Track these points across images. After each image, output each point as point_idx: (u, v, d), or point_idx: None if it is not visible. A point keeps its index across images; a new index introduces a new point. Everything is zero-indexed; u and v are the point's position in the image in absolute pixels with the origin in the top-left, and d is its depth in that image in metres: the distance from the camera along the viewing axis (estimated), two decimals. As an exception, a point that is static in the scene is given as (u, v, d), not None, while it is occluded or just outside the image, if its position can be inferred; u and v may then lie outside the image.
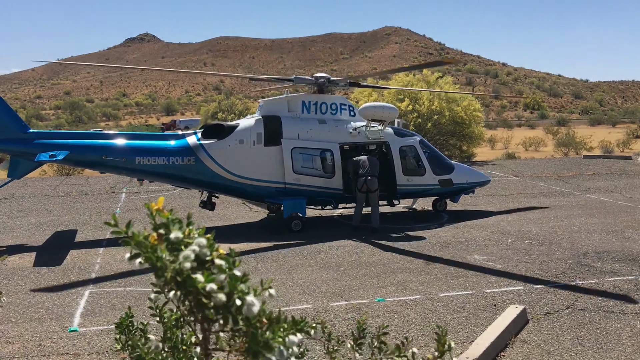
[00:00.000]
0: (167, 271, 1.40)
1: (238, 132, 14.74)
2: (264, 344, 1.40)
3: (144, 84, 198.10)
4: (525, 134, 54.48)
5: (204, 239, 1.47)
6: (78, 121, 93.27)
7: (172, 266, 1.40)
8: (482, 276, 10.51)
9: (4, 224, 15.98)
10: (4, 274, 11.07)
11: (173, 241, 1.46)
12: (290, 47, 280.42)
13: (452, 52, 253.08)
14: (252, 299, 1.39)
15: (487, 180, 17.02)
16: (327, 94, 15.73)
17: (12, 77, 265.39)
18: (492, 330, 7.37)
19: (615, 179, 23.37)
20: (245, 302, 1.39)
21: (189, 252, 1.42)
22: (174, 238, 1.46)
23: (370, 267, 11.19)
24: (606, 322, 8.19)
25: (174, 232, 1.47)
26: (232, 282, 1.41)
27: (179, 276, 1.40)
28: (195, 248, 1.43)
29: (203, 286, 1.37)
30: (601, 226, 14.59)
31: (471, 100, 31.73)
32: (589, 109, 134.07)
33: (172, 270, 1.40)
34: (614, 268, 10.90)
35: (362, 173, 14.22)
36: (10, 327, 8.36)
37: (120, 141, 14.53)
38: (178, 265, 1.40)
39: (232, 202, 18.41)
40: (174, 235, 1.46)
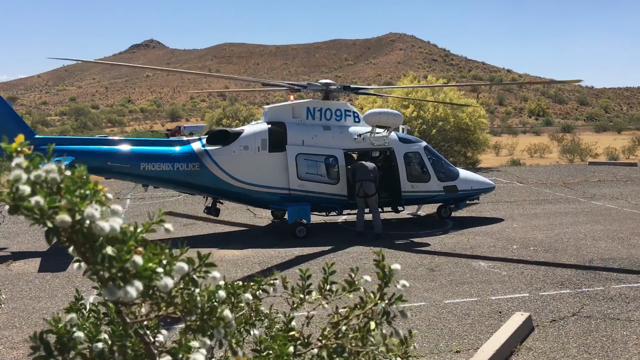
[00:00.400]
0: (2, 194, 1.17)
1: (243, 138, 14.76)
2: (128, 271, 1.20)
3: (149, 90, 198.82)
4: (530, 140, 54.40)
5: (54, 165, 1.23)
6: (83, 127, 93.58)
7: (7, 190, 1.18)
8: (487, 283, 10.47)
9: (10, 229, 16.03)
10: (9, 279, 11.09)
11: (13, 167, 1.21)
12: (294, 53, 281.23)
13: (456, 59, 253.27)
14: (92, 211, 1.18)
15: (492, 186, 16.99)
16: (331, 100, 15.75)
17: (18, 83, 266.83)
18: (497, 338, 7.34)
19: (621, 185, 23.29)
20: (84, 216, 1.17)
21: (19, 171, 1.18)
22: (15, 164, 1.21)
23: (375, 274, 11.14)
24: (612, 330, 8.14)
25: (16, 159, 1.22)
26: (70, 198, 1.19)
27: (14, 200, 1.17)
28: (40, 173, 1.21)
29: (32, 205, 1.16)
30: (607, 233, 14.53)
31: (476, 106, 31.72)
32: (594, 115, 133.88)
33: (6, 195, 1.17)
34: (620, 275, 10.84)
35: (358, 178, 14.25)
36: (15, 332, 8.37)
37: (125, 147, 14.58)
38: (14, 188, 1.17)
39: (237, 208, 18.42)
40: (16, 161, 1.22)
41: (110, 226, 1.20)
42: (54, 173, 1.21)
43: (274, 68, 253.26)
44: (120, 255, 1.21)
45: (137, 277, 1.21)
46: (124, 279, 1.21)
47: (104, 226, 1.19)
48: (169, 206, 19.75)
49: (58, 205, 1.18)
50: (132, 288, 1.20)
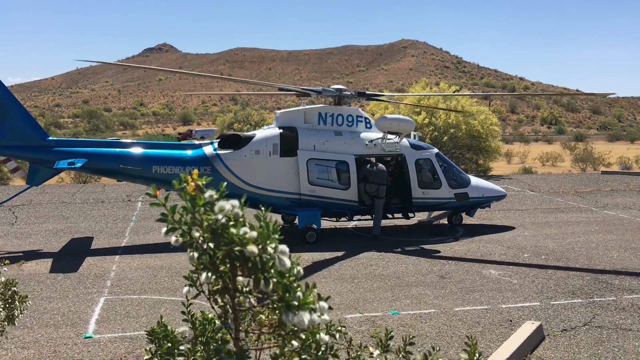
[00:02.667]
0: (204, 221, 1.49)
1: (254, 142, 14.80)
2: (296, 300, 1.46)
3: (161, 93, 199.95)
4: (542, 148, 54.12)
5: (236, 201, 1.58)
6: (96, 130, 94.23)
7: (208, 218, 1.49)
8: (497, 291, 10.42)
9: (22, 230, 16.15)
10: (20, 279, 11.16)
11: (208, 200, 1.56)
12: (306, 58, 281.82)
13: (468, 66, 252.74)
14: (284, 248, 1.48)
15: (504, 194, 16.91)
16: (343, 105, 15.76)
17: (32, 85, 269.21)
18: (507, 346, 7.29)
19: (634, 195, 23.11)
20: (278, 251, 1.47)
21: (224, 203, 1.53)
22: (208, 197, 1.56)
23: (385, 280, 11.14)
24: (624, 341, 8.07)
25: (208, 191, 1.58)
26: (264, 233, 1.49)
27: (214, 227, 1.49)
28: (228, 207, 1.54)
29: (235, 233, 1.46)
30: (619, 243, 14.41)
31: (488, 114, 31.61)
32: (607, 124, 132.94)
33: (207, 221, 1.49)
34: (632, 285, 10.75)
35: (372, 180, 14.66)
36: (26, 332, 8.43)
37: (137, 150, 14.66)
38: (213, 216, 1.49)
39: (247, 212, 18.43)
40: (208, 194, 1.57)
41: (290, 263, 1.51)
42: (237, 208, 1.58)
43: (285, 73, 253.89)
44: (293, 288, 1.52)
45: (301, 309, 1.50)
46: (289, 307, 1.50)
47: (286, 262, 1.50)
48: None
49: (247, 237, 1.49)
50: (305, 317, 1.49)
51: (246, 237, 1.47)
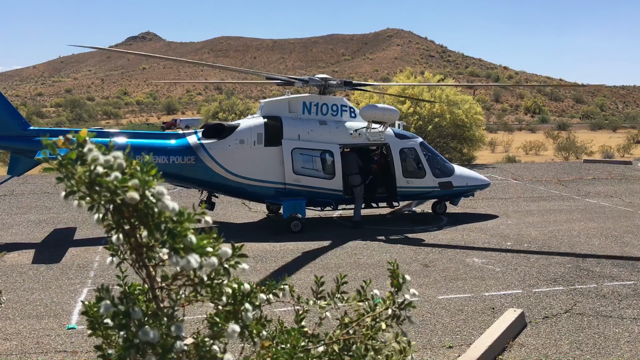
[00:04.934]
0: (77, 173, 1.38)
1: (239, 132, 14.75)
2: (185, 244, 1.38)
3: (145, 82, 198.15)
4: (525, 137, 54.48)
5: (120, 152, 1.45)
6: (79, 119, 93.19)
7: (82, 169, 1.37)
8: (480, 279, 10.51)
9: (3, 220, 15.98)
10: (2, 270, 11.07)
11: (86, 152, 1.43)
12: (292, 47, 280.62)
13: (453, 55, 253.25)
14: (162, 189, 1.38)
15: (487, 183, 17.02)
16: (328, 95, 15.74)
17: (13, 74, 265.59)
18: (490, 334, 7.37)
19: (615, 183, 23.38)
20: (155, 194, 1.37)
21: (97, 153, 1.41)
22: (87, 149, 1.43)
23: (369, 269, 11.19)
24: (604, 327, 8.19)
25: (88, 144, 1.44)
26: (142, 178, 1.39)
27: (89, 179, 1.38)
28: (109, 157, 1.42)
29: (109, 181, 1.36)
30: (600, 231, 14.59)
31: (472, 103, 31.73)
32: (590, 113, 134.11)
33: (81, 172, 1.37)
34: (613, 273, 10.90)
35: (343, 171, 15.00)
36: (8, 324, 8.36)
37: (120, 140, 14.54)
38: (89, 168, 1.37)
39: (232, 201, 18.41)
40: (88, 147, 1.43)
41: (173, 206, 1.40)
42: (121, 159, 1.43)
43: (270, 62, 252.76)
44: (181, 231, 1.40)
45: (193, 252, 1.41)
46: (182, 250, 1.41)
47: (168, 204, 1.39)
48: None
49: (127, 184, 1.37)
50: (192, 259, 1.40)
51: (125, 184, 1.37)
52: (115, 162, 1.42)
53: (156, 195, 1.38)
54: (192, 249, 1.41)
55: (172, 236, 1.39)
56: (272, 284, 2.08)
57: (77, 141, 1.45)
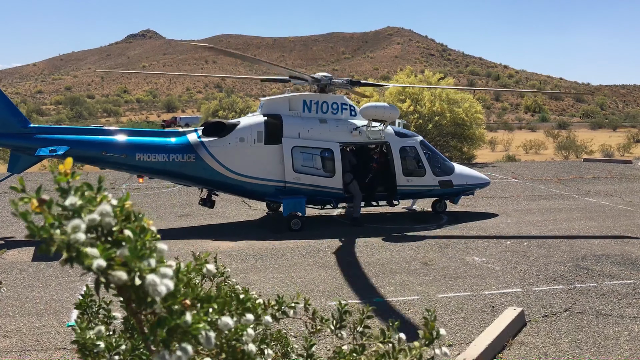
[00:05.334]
0: (53, 244, 1.12)
1: (239, 130, 14.74)
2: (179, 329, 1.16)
3: (145, 80, 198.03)
4: (525, 136, 54.47)
5: (108, 206, 1.17)
6: (78, 117, 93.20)
7: (60, 238, 1.12)
8: (480, 278, 10.51)
9: (3, 218, 15.98)
10: (2, 267, 11.07)
11: (69, 208, 1.16)
12: (292, 45, 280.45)
13: (453, 54, 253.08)
14: (153, 278, 1.14)
15: (487, 182, 17.02)
16: (328, 93, 15.73)
17: (13, 71, 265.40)
18: (489, 332, 7.37)
19: (615, 182, 23.37)
20: (145, 282, 1.13)
21: (78, 221, 1.13)
22: (69, 205, 1.16)
23: (369, 267, 11.18)
24: (604, 326, 8.19)
25: (70, 197, 1.17)
26: (131, 256, 1.14)
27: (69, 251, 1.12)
28: (95, 217, 1.14)
29: (89, 263, 1.10)
30: (600, 230, 14.59)
31: (473, 102, 31.72)
32: (590, 112, 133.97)
33: (60, 242, 1.12)
34: (613, 272, 10.90)
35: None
36: (7, 321, 8.36)
37: (120, 137, 14.54)
38: (66, 237, 1.11)
39: (232, 200, 18.41)
40: (70, 201, 1.17)
41: (166, 288, 1.16)
42: (109, 217, 1.16)
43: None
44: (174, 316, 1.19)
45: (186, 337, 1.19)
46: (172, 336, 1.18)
47: (161, 290, 1.15)
48: (164, 197, 19.73)
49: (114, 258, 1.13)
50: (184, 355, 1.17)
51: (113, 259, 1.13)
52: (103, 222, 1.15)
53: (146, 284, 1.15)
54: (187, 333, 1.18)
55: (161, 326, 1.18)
56: (281, 301, 1.97)
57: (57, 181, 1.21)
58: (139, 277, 1.14)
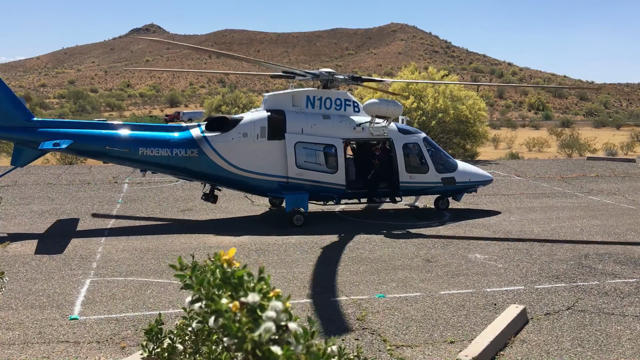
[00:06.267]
0: (247, 342, 1.33)
1: (242, 125, 14.74)
2: None
3: (148, 75, 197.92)
4: (529, 134, 54.39)
5: (280, 303, 1.40)
6: (82, 111, 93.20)
7: (251, 336, 1.34)
8: (482, 275, 10.51)
9: (7, 211, 16.00)
10: (5, 260, 11.09)
11: (251, 305, 1.39)
12: (295, 41, 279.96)
13: (457, 51, 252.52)
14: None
15: (490, 179, 16.99)
16: (331, 89, 15.71)
17: (17, 64, 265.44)
18: (491, 329, 7.37)
19: (619, 181, 23.33)
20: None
21: (270, 324, 1.35)
22: (252, 302, 1.39)
23: (371, 264, 11.19)
24: (606, 324, 8.19)
25: (251, 294, 1.40)
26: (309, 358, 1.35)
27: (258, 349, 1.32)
28: (272, 314, 1.37)
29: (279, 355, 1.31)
30: (603, 228, 14.57)
31: (476, 99, 31.66)
32: (594, 111, 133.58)
33: (250, 341, 1.33)
34: (615, 270, 10.89)
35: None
36: (10, 314, 8.39)
37: (124, 132, 14.55)
38: (257, 336, 1.34)
39: (235, 195, 18.41)
40: (252, 298, 1.39)
41: None
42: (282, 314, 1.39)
43: (274, 56, 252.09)
44: None
45: None
46: None
47: None
48: (167, 192, 19.75)
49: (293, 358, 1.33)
50: None
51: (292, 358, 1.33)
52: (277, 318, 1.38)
53: None
54: None
55: None
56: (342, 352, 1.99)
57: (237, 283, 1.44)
58: None
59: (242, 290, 1.40)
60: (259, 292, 1.41)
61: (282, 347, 1.32)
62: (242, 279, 1.43)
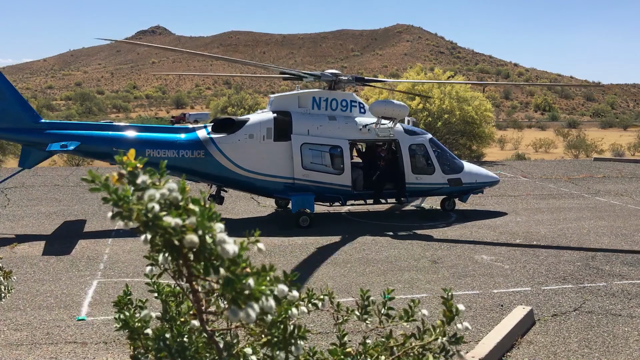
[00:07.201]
0: (134, 212, 1.28)
1: (248, 126, 14.77)
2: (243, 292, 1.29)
3: (155, 76, 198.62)
4: (535, 135, 54.25)
5: (174, 184, 1.35)
6: (88, 112, 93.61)
7: (138, 207, 1.28)
8: (489, 276, 10.49)
9: (14, 212, 16.09)
10: (13, 261, 11.14)
11: (140, 185, 1.33)
12: (301, 43, 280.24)
13: (463, 52, 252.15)
14: (223, 236, 1.29)
15: (496, 180, 16.97)
16: (337, 90, 15.72)
17: (24, 66, 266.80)
18: (498, 330, 7.36)
19: (626, 182, 23.23)
20: (216, 241, 1.29)
21: (153, 190, 1.31)
22: (140, 182, 1.33)
23: (378, 265, 11.19)
24: (613, 326, 8.16)
25: (141, 176, 1.34)
26: (201, 220, 1.30)
27: (146, 217, 1.28)
28: (165, 191, 1.32)
29: (167, 224, 1.26)
30: (610, 229, 14.51)
31: (482, 100, 31.61)
32: (601, 111, 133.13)
33: (138, 210, 1.28)
34: (623, 271, 10.85)
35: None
36: (18, 314, 8.43)
37: (130, 133, 14.61)
38: (144, 206, 1.28)
39: (241, 196, 18.45)
40: (141, 179, 1.33)
41: (233, 250, 1.30)
42: (176, 192, 1.33)
43: (279, 57, 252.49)
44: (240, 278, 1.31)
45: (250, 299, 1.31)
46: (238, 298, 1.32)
47: (229, 249, 1.29)
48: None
49: (185, 225, 1.28)
50: (252, 311, 1.31)
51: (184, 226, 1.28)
52: (171, 196, 1.33)
53: (217, 241, 1.30)
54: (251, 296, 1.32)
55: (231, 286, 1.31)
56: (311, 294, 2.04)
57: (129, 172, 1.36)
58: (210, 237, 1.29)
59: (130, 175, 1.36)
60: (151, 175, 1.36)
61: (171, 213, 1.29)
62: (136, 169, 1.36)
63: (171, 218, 1.27)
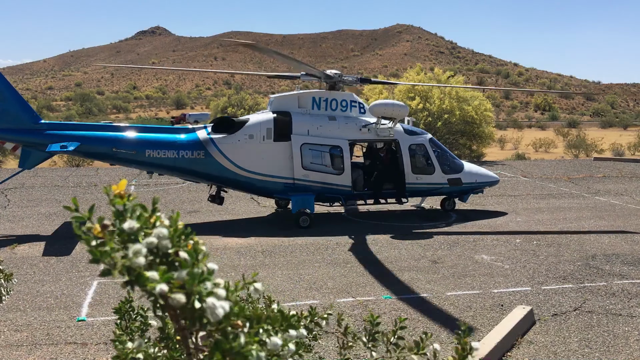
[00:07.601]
0: (115, 268, 1.16)
1: (248, 127, 14.77)
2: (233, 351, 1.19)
3: (155, 77, 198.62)
4: (535, 135, 54.24)
5: (164, 229, 1.22)
6: (88, 113, 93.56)
7: (122, 262, 1.16)
8: (489, 276, 10.49)
9: (15, 213, 16.09)
10: (13, 262, 11.15)
11: (127, 232, 1.20)
12: (301, 43, 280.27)
13: (463, 51, 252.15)
14: (213, 302, 1.17)
15: (496, 180, 16.97)
16: (337, 90, 15.72)
17: (24, 67, 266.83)
18: (498, 331, 7.36)
19: (626, 182, 23.23)
20: (204, 306, 1.16)
21: (139, 245, 1.18)
22: (127, 228, 1.20)
23: (377, 265, 11.19)
24: (614, 325, 8.16)
25: (128, 221, 1.21)
26: (191, 280, 1.18)
27: (130, 274, 1.16)
28: (153, 240, 1.19)
29: (152, 287, 1.15)
30: (610, 229, 14.51)
31: (482, 100, 31.61)
32: (601, 111, 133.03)
33: (121, 266, 1.16)
34: (623, 271, 10.85)
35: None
36: (19, 315, 8.44)
37: (130, 134, 14.61)
38: (127, 261, 1.16)
39: (241, 196, 18.45)
40: (128, 225, 1.20)
41: (223, 311, 1.19)
42: (165, 240, 1.21)
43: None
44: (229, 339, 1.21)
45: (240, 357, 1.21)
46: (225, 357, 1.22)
47: (219, 313, 1.18)
48: (173, 194, 19.81)
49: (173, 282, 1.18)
50: None
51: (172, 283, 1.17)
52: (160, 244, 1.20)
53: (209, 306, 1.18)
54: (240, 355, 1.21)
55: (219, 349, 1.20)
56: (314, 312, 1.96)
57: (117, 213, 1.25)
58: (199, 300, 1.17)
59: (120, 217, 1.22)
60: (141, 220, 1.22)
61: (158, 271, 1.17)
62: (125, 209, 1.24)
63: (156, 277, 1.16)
